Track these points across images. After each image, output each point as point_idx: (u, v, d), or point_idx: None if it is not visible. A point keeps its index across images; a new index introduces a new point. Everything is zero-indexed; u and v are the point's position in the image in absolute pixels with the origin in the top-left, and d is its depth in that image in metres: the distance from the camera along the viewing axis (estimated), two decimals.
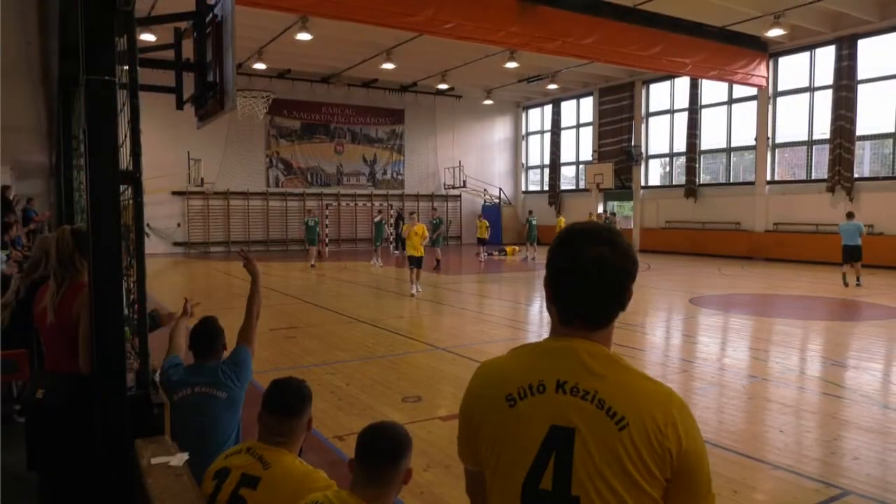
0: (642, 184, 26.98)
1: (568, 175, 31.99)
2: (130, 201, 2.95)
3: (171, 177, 24.44)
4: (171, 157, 24.24)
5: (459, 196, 31.66)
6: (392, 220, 21.26)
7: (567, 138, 30.90)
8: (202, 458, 2.67)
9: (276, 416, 2.37)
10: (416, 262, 13.45)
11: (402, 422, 5.36)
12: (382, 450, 2.01)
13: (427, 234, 13.54)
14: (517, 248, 25.82)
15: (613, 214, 26.42)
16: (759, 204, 22.59)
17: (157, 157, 22.55)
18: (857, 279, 14.47)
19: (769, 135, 22.38)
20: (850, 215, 15.20)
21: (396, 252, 24.78)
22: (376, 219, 21.47)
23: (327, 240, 26.00)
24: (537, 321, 11.05)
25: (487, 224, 23.04)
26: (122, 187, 2.83)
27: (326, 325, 9.98)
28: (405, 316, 11.03)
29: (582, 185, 30.12)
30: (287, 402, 2.40)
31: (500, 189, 32.26)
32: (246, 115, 21.29)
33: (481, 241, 22.46)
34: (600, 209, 28.73)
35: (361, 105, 29.29)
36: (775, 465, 4.52)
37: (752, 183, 22.98)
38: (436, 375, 7.01)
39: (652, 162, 27.28)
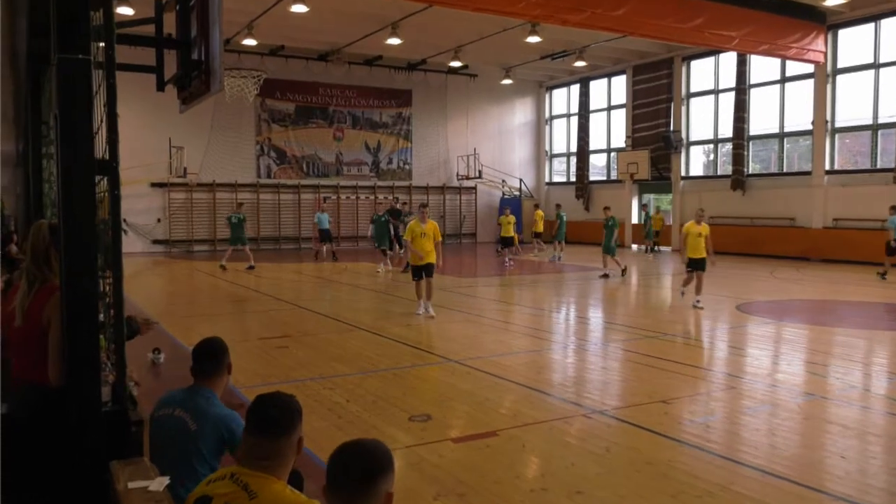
0: (682, 174, 26.84)
1: (597, 164, 31.85)
2: (106, 194, 2.98)
3: (150, 167, 24.63)
4: (151, 144, 24.42)
5: (474, 188, 31.66)
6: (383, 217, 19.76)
7: (596, 122, 30.80)
8: (173, 487, 2.69)
9: (261, 437, 2.36)
10: (423, 272, 11.63)
11: (410, 444, 5.38)
12: (358, 471, 1.99)
13: (440, 235, 11.76)
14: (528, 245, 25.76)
15: (658, 210, 26.35)
16: (817, 197, 22.40)
17: (135, 145, 22.75)
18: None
19: (828, 118, 22.18)
20: (893, 209, 15.08)
21: (399, 253, 24.74)
22: (378, 215, 20.63)
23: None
24: (562, 330, 11.01)
25: (514, 220, 21.36)
26: (97, 178, 2.86)
27: (323, 334, 10.00)
28: (413, 324, 11.03)
29: (614, 175, 30.00)
30: (273, 419, 2.38)
31: (521, 180, 32.22)
32: (234, 97, 21.39)
33: (506, 242, 20.82)
34: (634, 203, 28.63)
35: (363, 85, 29.36)
36: (836, 495, 4.49)
37: (808, 173, 22.79)
38: (447, 391, 7.00)
39: (693, 149, 27.12)
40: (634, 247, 27.00)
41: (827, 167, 22.31)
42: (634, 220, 28.26)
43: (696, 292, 12.47)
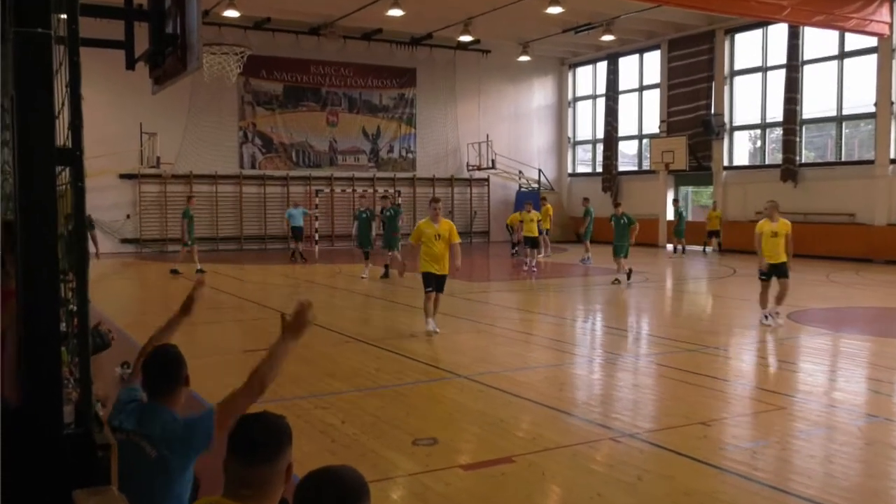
0: (725, 163, 26.75)
1: (628, 153, 31.79)
2: (68, 186, 2.99)
3: (118, 156, 24.73)
4: (119, 130, 24.53)
5: (486, 180, 31.67)
6: (374, 212, 19.13)
7: (627, 105, 30.76)
8: None
9: (244, 463, 2.36)
10: (435, 284, 10.60)
11: (413, 471, 5.38)
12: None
13: (457, 236, 10.68)
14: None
15: (715, 205, 26.09)
16: (881, 189, 22.27)
17: (101, 131, 22.81)
18: None
19: (893, 99, 22.06)
20: None
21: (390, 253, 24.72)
22: (361, 210, 19.33)
23: (317, 236, 26.12)
24: (587, 342, 10.99)
25: (539, 216, 20.47)
26: (58, 169, 2.87)
27: (316, 346, 10.02)
28: (418, 335, 11.04)
29: (646, 165, 29.95)
30: (258, 443, 2.39)
31: (540, 171, 32.19)
32: (214, 76, 21.46)
33: (531, 243, 19.54)
34: (670, 196, 28.55)
35: (361, 63, 29.43)
36: None
37: (870, 162, 22.66)
38: (456, 411, 7.00)
39: (738, 135, 27.02)
40: (669, 247, 26.91)
41: (892, 155, 22.17)
42: (670, 216, 28.18)
43: (776, 302, 11.32)
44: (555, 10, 22.97)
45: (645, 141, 30.08)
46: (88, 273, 3.10)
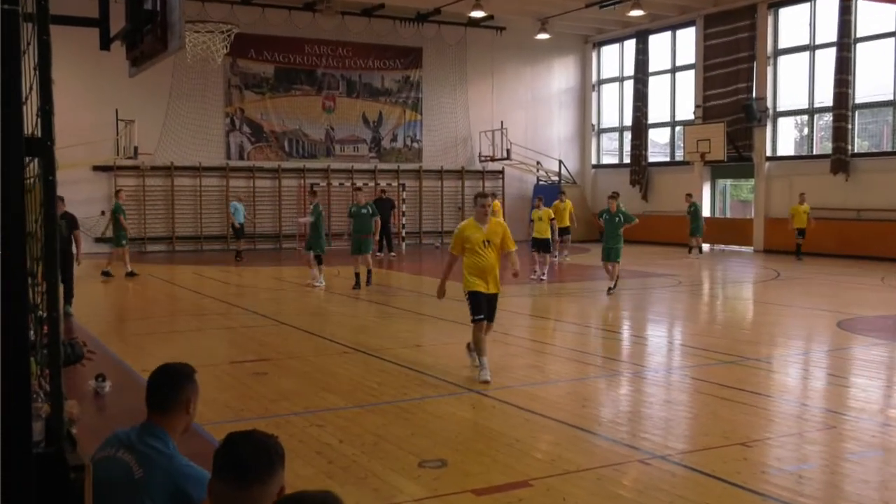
0: (768, 153, 26.68)
1: (659, 141, 31.74)
2: (37, 180, 3.00)
3: (92, 146, 24.87)
4: (93, 117, 24.66)
5: (501, 172, 31.69)
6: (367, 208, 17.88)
7: (658, 88, 30.72)
8: None
9: (231, 485, 2.40)
10: (487, 308, 8.86)
11: (420, 496, 5.39)
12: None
13: (512, 242, 9.24)
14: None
15: (803, 198, 25.48)
16: None
17: (73, 118, 22.93)
18: None
19: None
20: None
21: (381, 254, 24.61)
22: (356, 205, 17.13)
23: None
24: (613, 353, 10.97)
25: (551, 214, 19.13)
26: (26, 160, 2.88)
27: (311, 357, 10.04)
28: (424, 344, 11.04)
29: (679, 155, 29.90)
30: (246, 464, 2.42)
31: (561, 162, 32.20)
32: (198, 57, 21.53)
33: (541, 245, 18.17)
34: (706, 191, 28.48)
35: (361, 42, 29.50)
36: None
37: None
38: (467, 430, 7.00)
39: (782, 122, 26.94)
40: (707, 247, 26.84)
41: None
42: (707, 212, 28.11)
43: None
44: None
45: (678, 128, 30.03)
46: (59, 276, 3.12)
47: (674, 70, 30.16)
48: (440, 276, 9.35)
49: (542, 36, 30.20)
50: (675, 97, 30.25)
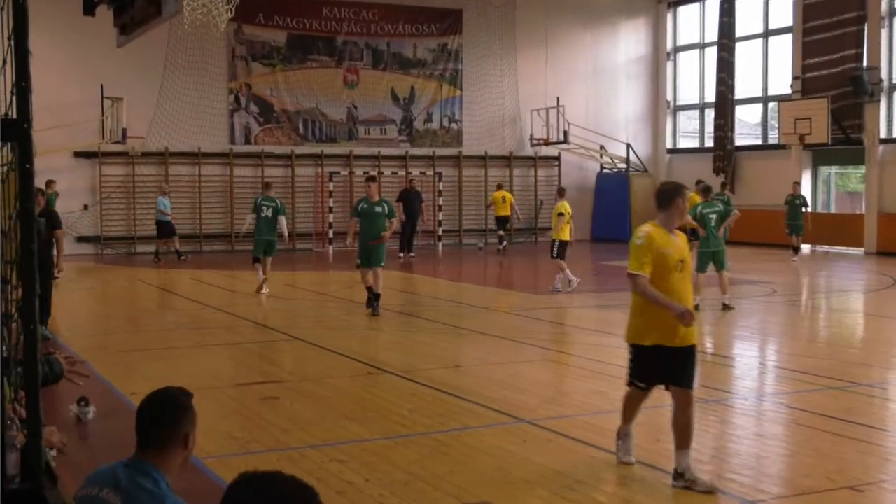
0: (882, 135, 26.29)
1: (749, 121, 31.39)
2: (12, 168, 3.03)
3: (73, 128, 25.17)
4: (75, 95, 24.94)
5: (557, 158, 31.58)
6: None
7: (747, 56, 30.38)
8: None
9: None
10: (673, 368, 6.81)
11: None
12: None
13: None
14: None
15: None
16: None
17: (51, 96, 23.18)
18: None
19: None
20: None
21: (402, 255, 24.70)
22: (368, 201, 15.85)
23: (331, 233, 26.24)
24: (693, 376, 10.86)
25: (570, 211, 18.45)
26: (0, 145, 2.91)
27: (330, 379, 10.06)
28: (464, 364, 11.01)
29: (773, 138, 29.56)
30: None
31: (629, 145, 32.01)
32: (197, 24, 21.69)
33: (559, 251, 17.73)
34: (806, 179, 28.09)
35: (388, 3, 29.59)
36: None
37: None
38: (517, 468, 6.95)
39: None
40: (806, 248, 26.47)
41: None
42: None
43: None
44: None
45: (771, 105, 29.71)
46: (37, 281, 3.14)
47: (766, 34, 29.82)
48: (657, 302, 6.54)
49: None
50: (768, 67, 29.90)
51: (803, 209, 24.36)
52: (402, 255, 24.62)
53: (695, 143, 32.87)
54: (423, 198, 26.35)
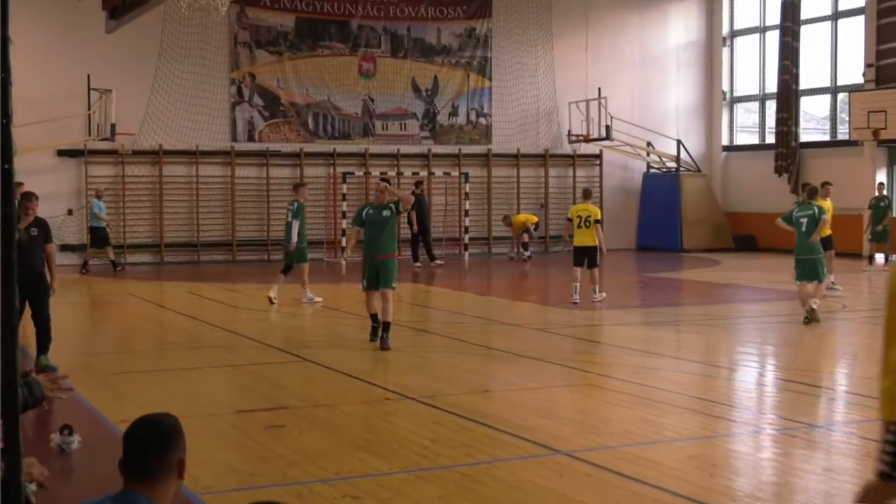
0: None
1: (816, 114, 31.21)
2: None
3: (57, 124, 25.30)
4: (60, 87, 25.12)
5: (598, 156, 31.56)
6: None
7: (814, 42, 30.24)
8: None
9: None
10: None
11: None
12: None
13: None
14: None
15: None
16: None
17: (33, 88, 23.38)
18: None
19: None
20: None
21: (419, 265, 24.94)
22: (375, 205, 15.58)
23: (344, 241, 26.24)
24: (752, 402, 10.81)
25: (597, 212, 18.44)
26: None
27: (344, 405, 10.06)
28: (494, 389, 10.99)
29: (843, 133, 29.41)
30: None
31: (679, 142, 31.92)
32: (195, 7, 21.82)
33: (587, 258, 17.91)
34: (881, 179, 27.89)
35: None
36: None
37: None
38: None
39: None
40: (880, 257, 26.25)
41: None
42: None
43: None
44: None
45: (841, 96, 29.59)
46: (16, 295, 3.17)
47: (836, 16, 29.70)
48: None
49: None
50: (838, 54, 29.78)
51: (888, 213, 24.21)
52: (418, 264, 24.65)
53: (754, 140, 32.76)
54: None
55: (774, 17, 30.93)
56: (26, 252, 11.08)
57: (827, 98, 30.54)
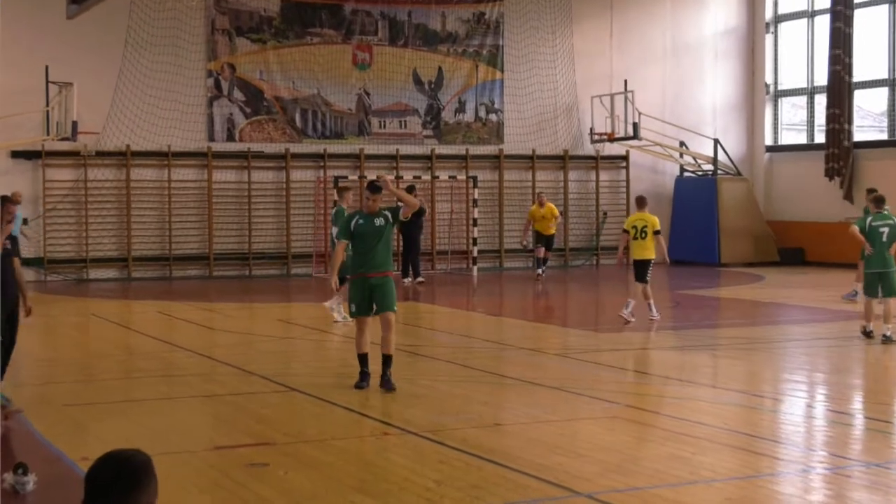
0: None
1: (871, 110, 31.21)
2: None
3: (11, 122, 25.38)
4: (14, 80, 25.11)
5: (625, 158, 31.60)
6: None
7: (869, 27, 30.27)
8: None
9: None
10: None
11: None
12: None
13: None
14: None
15: None
16: None
17: None
18: None
19: None
20: None
21: (407, 280, 25.01)
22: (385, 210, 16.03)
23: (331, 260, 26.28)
24: (800, 437, 10.80)
25: (656, 222, 18.96)
26: None
27: (337, 440, 10.06)
28: (505, 423, 10.98)
29: None
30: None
31: (717, 142, 31.93)
32: None
33: (641, 272, 18.68)
34: None
35: None
36: None
37: None
38: None
39: None
40: None
41: None
42: None
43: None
44: None
45: None
46: None
47: (894, 0, 29.70)
48: None
49: None
50: (895, 43, 29.77)
51: None
52: (407, 280, 24.58)
53: (802, 139, 32.76)
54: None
55: (824, 0, 30.97)
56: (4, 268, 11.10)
57: (884, 91, 30.50)
